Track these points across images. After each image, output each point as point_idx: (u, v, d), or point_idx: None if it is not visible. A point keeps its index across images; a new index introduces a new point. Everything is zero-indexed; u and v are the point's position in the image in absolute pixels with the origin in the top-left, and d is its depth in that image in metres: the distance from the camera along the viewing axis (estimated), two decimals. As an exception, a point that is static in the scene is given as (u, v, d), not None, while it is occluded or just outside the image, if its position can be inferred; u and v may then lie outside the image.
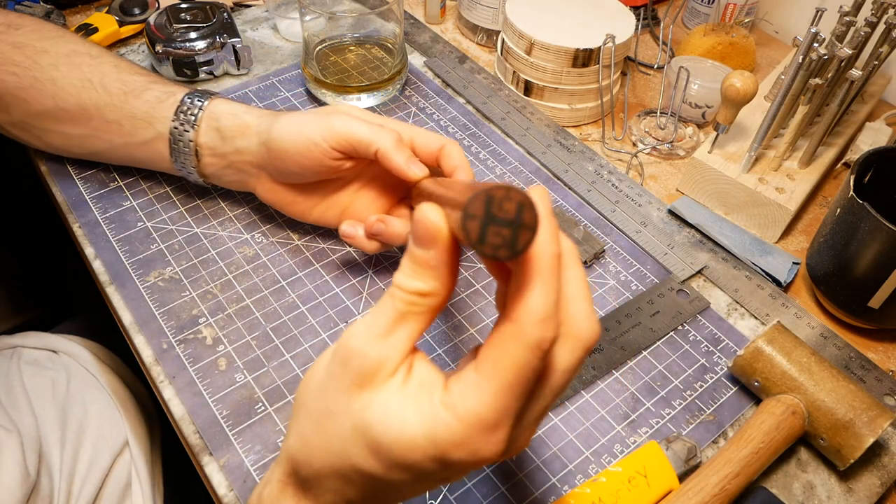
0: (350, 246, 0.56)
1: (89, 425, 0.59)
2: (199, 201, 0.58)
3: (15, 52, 0.52)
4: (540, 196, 0.28)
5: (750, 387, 0.47)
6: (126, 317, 0.50)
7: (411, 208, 0.50)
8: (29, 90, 0.52)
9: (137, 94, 0.52)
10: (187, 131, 0.51)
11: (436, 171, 0.49)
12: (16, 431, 0.53)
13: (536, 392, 0.28)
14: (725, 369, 0.50)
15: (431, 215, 0.27)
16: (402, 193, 0.52)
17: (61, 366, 0.63)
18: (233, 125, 0.51)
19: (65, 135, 0.54)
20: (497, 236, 0.24)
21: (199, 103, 0.51)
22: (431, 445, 0.26)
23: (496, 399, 0.26)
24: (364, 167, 0.51)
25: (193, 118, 0.51)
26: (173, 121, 0.51)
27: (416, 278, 0.27)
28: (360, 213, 0.51)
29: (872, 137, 0.67)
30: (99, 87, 0.52)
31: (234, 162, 0.51)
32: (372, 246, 0.50)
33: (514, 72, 0.70)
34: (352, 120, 0.47)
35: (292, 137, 0.47)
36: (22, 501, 0.50)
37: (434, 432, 0.26)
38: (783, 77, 0.56)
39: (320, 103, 0.67)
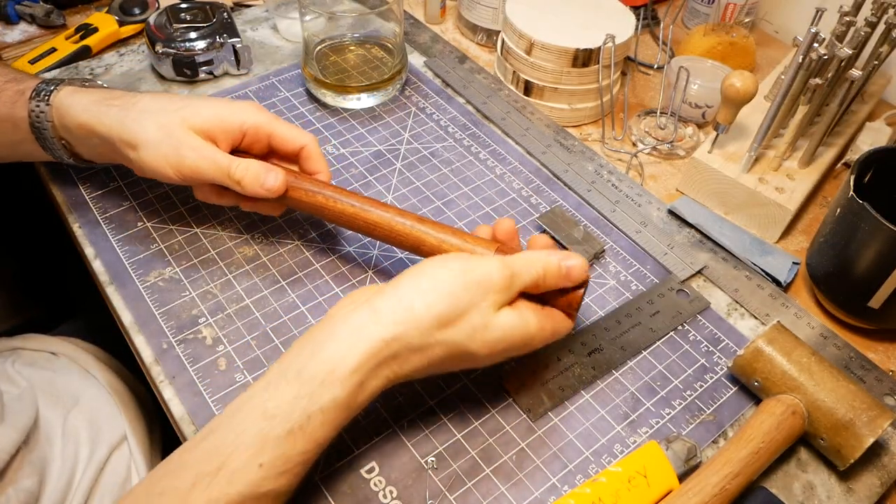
0: (350, 246, 0.56)
1: (87, 419, 0.59)
2: (198, 201, 0.58)
3: None
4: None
5: (750, 387, 0.47)
6: (126, 317, 0.50)
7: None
8: None
9: None
10: (45, 129, 0.51)
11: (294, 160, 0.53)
12: (23, 421, 0.54)
13: None
14: (725, 369, 0.50)
15: (585, 267, 0.43)
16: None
17: (60, 366, 0.63)
18: (78, 130, 0.50)
19: None
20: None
21: (45, 106, 0.51)
22: (536, 335, 0.42)
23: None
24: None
25: (45, 116, 0.51)
26: (29, 120, 0.51)
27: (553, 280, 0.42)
28: None
29: (872, 137, 0.67)
30: None
31: (97, 146, 0.51)
32: (223, 199, 0.53)
33: (514, 72, 0.70)
34: (200, 159, 0.48)
35: (149, 166, 0.48)
36: (18, 490, 0.51)
37: (542, 333, 0.42)
38: (783, 77, 0.56)
39: (320, 103, 0.67)
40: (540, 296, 0.43)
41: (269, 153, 0.53)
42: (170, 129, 0.48)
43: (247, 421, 0.36)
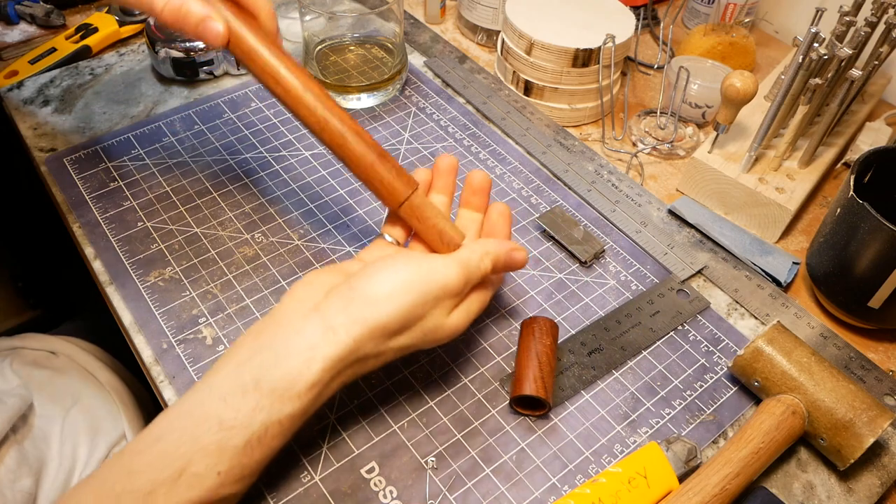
0: (350, 246, 0.56)
1: (86, 418, 0.59)
2: (199, 201, 0.58)
3: None
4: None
5: (750, 387, 0.47)
6: (126, 317, 0.50)
7: None
8: None
9: None
10: None
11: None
12: (8, 410, 0.54)
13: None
14: (725, 369, 0.50)
15: (526, 259, 0.46)
16: None
17: (60, 365, 0.63)
18: None
19: None
20: None
21: None
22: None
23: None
24: None
25: None
26: None
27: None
28: None
29: (872, 137, 0.67)
30: None
31: None
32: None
33: (514, 72, 0.70)
34: None
35: None
36: (14, 486, 0.51)
37: (480, 308, 0.44)
38: (783, 77, 0.56)
39: (320, 103, 0.67)
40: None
41: None
42: None
43: (202, 428, 0.35)
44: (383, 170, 0.44)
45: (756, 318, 0.54)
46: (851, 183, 0.49)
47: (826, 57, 0.54)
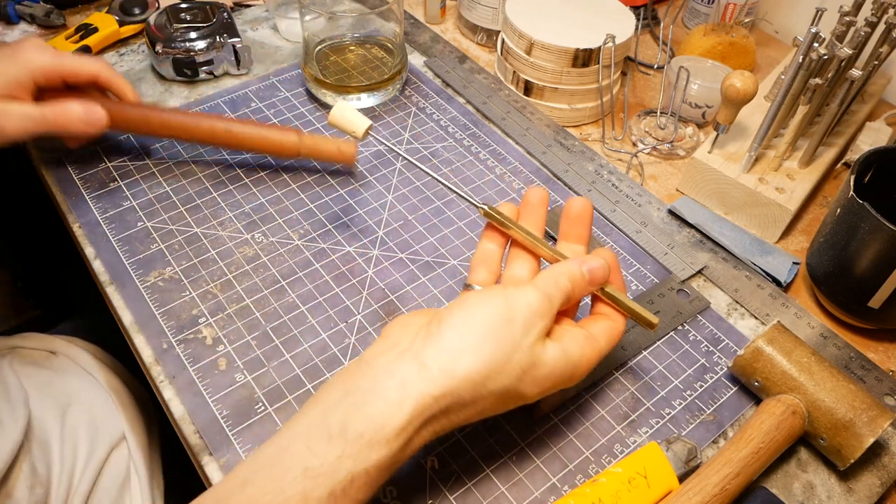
0: (350, 246, 0.56)
1: (86, 419, 0.59)
2: (199, 201, 0.58)
3: None
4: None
5: (750, 387, 0.47)
6: (126, 317, 0.50)
7: None
8: None
9: None
10: None
11: (99, 89, 0.57)
12: (17, 428, 0.54)
13: None
14: (725, 369, 0.50)
15: (606, 266, 0.42)
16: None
17: (59, 365, 0.63)
18: None
19: None
20: None
21: None
22: (586, 366, 0.40)
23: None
24: None
25: None
26: None
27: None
28: None
29: (872, 137, 0.67)
30: None
31: None
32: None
33: (514, 72, 0.70)
34: (16, 120, 0.50)
35: None
36: (31, 496, 0.51)
37: (586, 360, 0.40)
38: (783, 77, 0.56)
39: (320, 103, 0.67)
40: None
41: (66, 89, 0.55)
42: None
43: (288, 476, 0.33)
44: (269, 133, 0.58)
45: (756, 318, 0.54)
46: (851, 183, 0.49)
47: (826, 57, 0.54)
